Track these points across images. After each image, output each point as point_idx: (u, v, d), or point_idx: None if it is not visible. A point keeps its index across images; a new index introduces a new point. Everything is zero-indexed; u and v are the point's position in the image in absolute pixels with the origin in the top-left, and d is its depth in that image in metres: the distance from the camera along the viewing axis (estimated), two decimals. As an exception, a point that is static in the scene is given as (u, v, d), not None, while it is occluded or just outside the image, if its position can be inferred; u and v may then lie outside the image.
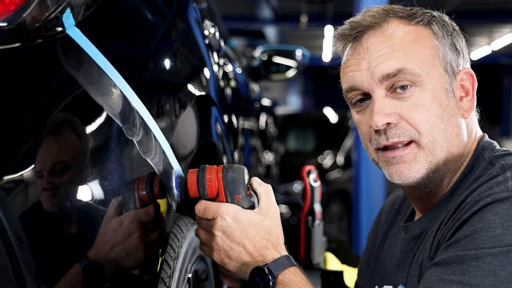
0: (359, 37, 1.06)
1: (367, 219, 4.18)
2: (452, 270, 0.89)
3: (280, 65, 3.46)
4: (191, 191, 1.02)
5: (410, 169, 1.03)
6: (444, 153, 1.03)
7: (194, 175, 1.01)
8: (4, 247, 0.69)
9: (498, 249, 0.87)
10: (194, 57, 1.29)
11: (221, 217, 1.00)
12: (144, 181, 0.90)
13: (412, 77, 1.01)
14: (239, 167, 1.03)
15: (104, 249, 0.81)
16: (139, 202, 0.89)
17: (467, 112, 1.06)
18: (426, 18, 1.06)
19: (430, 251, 1.01)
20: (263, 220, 1.01)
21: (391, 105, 1.02)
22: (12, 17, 0.76)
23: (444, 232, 0.98)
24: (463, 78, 1.06)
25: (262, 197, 1.04)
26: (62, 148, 0.76)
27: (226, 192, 1.01)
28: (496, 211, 0.90)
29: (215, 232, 1.00)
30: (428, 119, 1.02)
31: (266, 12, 10.27)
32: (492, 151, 1.05)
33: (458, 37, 1.08)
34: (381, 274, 1.19)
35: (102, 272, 0.81)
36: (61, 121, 0.77)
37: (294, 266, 0.99)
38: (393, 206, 1.28)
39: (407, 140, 1.03)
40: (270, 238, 1.00)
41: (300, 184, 5.84)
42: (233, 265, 1.01)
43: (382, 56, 1.03)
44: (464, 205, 0.96)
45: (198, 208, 1.02)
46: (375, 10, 1.07)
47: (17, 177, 0.71)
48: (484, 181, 0.97)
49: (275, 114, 5.70)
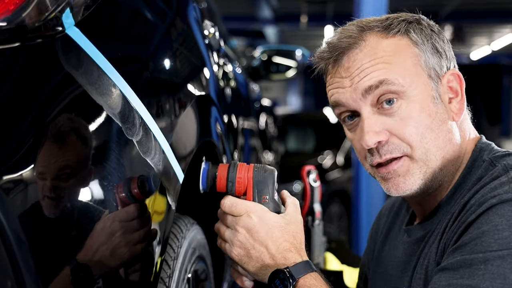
0: (339, 59, 1.06)
1: (367, 219, 4.17)
2: (461, 274, 0.88)
3: (280, 65, 3.46)
4: (219, 186, 1.02)
5: (405, 182, 1.03)
6: (439, 161, 1.03)
7: (225, 170, 1.02)
8: (4, 247, 0.69)
9: (506, 251, 0.86)
10: (194, 57, 1.29)
11: (247, 215, 0.99)
12: (144, 181, 0.90)
13: (395, 88, 1.01)
14: (271, 168, 1.03)
15: (104, 249, 0.80)
16: (139, 202, 0.89)
17: (457, 115, 1.05)
18: (403, 27, 1.04)
19: (436, 255, 1.00)
20: (288, 224, 1.02)
21: (380, 122, 1.02)
22: (12, 16, 0.76)
23: (450, 235, 0.97)
24: (450, 80, 1.05)
25: (290, 206, 1.05)
26: (62, 148, 0.76)
27: (255, 191, 1.01)
28: (502, 212, 0.89)
29: (239, 229, 1.00)
30: (418, 131, 1.01)
31: (266, 12, 10.28)
32: (490, 152, 1.04)
33: (438, 38, 1.06)
34: (382, 277, 1.19)
35: (102, 272, 0.81)
36: (60, 121, 0.76)
37: (315, 272, 0.99)
38: (392, 208, 1.28)
39: (400, 155, 1.03)
40: (294, 241, 1.00)
41: (300, 184, 5.84)
42: (252, 265, 1.00)
43: (363, 71, 1.03)
44: (469, 207, 0.95)
45: (224, 202, 1.02)
46: (350, 29, 1.06)
47: (17, 177, 0.71)
48: (487, 182, 0.96)
49: (275, 114, 5.70)
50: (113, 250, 0.82)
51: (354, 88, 1.03)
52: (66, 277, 0.75)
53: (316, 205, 1.91)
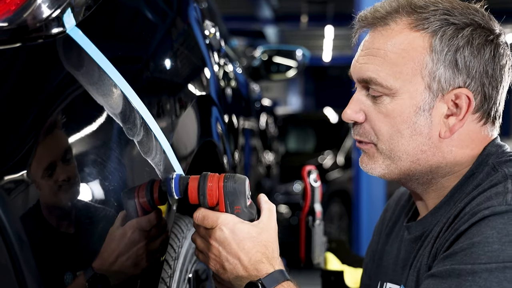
0: (369, 29, 1.07)
1: (367, 219, 4.17)
2: (449, 284, 0.89)
3: (280, 65, 3.46)
4: (191, 198, 1.00)
5: (368, 163, 1.07)
6: (408, 164, 1.04)
7: (195, 182, 1.00)
8: (5, 247, 0.69)
9: (494, 264, 0.86)
10: (195, 57, 1.30)
11: (219, 228, 0.99)
12: (144, 182, 0.90)
13: (382, 89, 1.02)
14: (241, 177, 1.01)
15: (104, 249, 0.81)
16: (139, 202, 0.89)
17: (448, 132, 1.01)
18: (434, 27, 1.00)
19: (428, 259, 1.01)
20: (260, 234, 1.00)
21: (364, 104, 1.05)
22: (13, 17, 0.76)
23: (442, 241, 0.98)
24: (458, 96, 1.00)
25: (264, 213, 1.04)
26: (63, 148, 0.76)
27: (226, 202, 1.00)
28: (493, 225, 0.89)
29: (212, 242, 1.00)
30: (388, 131, 1.03)
31: (266, 12, 10.28)
32: (498, 155, 1.02)
33: (468, 52, 0.99)
34: (384, 270, 1.19)
35: (102, 272, 0.81)
36: (61, 121, 0.77)
37: (288, 281, 0.99)
38: (400, 201, 1.28)
39: (368, 141, 1.06)
40: (266, 251, 1.00)
41: (300, 184, 5.84)
42: (227, 276, 1.00)
43: (365, 58, 1.05)
44: (463, 215, 0.95)
45: (196, 216, 1.01)
46: (394, 5, 1.04)
47: (18, 177, 0.71)
48: (485, 189, 0.96)
49: (276, 114, 5.69)
50: (114, 250, 0.83)
51: (356, 68, 1.07)
52: (66, 276, 0.75)
53: (317, 205, 1.91)
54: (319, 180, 1.95)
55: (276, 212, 1.06)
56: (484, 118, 1.03)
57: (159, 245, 0.95)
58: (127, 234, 0.85)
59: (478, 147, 1.05)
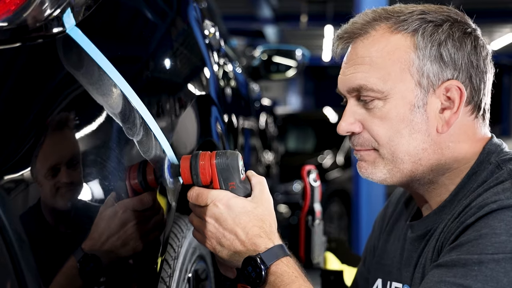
0: (350, 42, 1.09)
1: (367, 219, 4.17)
2: (454, 273, 0.89)
3: (280, 64, 3.46)
4: (184, 178, 0.99)
5: (367, 169, 1.08)
6: (409, 165, 1.04)
7: (187, 162, 0.99)
8: (5, 246, 0.69)
9: (502, 255, 0.87)
10: (194, 57, 1.30)
11: (213, 204, 0.98)
12: (143, 179, 0.90)
13: (373, 94, 1.03)
14: (233, 152, 1.00)
15: (105, 249, 0.81)
16: (139, 202, 0.89)
17: (445, 126, 1.03)
18: (414, 26, 1.03)
19: (433, 254, 1.01)
20: (256, 208, 1.00)
21: (357, 114, 1.07)
22: (13, 17, 0.76)
23: (447, 235, 0.98)
24: (449, 89, 1.02)
25: (256, 187, 1.03)
26: (63, 148, 0.76)
27: (220, 179, 0.99)
28: (501, 217, 0.90)
29: (207, 219, 0.99)
30: (387, 133, 1.04)
31: (266, 12, 10.28)
32: (499, 154, 1.03)
33: (451, 45, 1.02)
34: (386, 268, 1.19)
35: (102, 272, 0.81)
36: (61, 121, 0.77)
37: (288, 256, 0.98)
38: (401, 199, 1.27)
39: (369, 148, 1.07)
40: (263, 225, 0.99)
41: (300, 184, 5.84)
42: (225, 253, 1.00)
43: (352, 68, 1.06)
44: (469, 209, 0.95)
45: (190, 194, 1.01)
46: (370, 16, 1.07)
47: (18, 177, 0.71)
48: (491, 186, 0.96)
49: (275, 114, 5.69)
50: (114, 250, 0.83)
51: (344, 80, 1.08)
52: (67, 276, 0.75)
53: (316, 204, 1.92)
54: (319, 180, 1.95)
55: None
56: (476, 111, 1.06)
57: (161, 242, 0.95)
58: (131, 234, 0.85)
59: (475, 143, 1.06)
